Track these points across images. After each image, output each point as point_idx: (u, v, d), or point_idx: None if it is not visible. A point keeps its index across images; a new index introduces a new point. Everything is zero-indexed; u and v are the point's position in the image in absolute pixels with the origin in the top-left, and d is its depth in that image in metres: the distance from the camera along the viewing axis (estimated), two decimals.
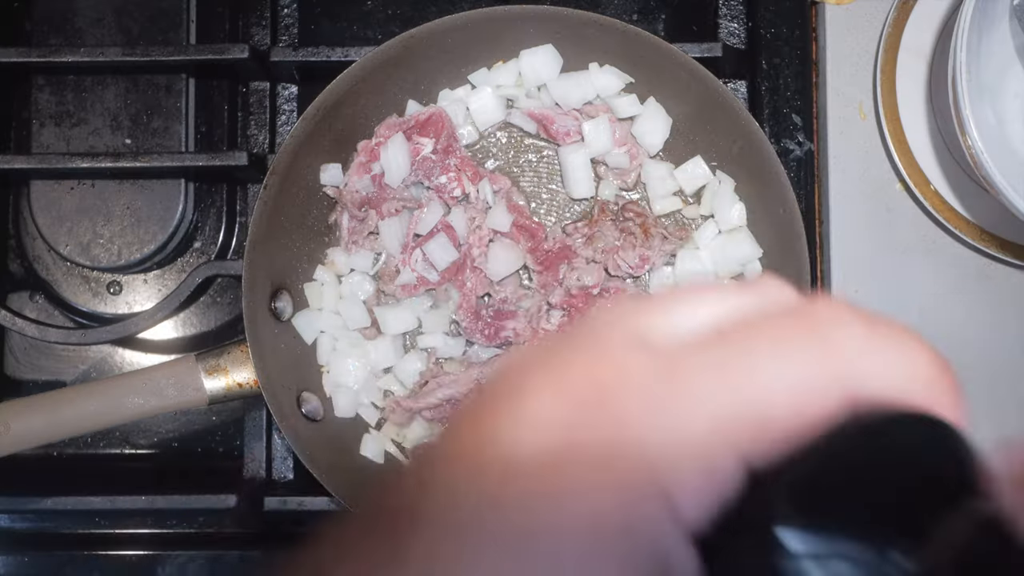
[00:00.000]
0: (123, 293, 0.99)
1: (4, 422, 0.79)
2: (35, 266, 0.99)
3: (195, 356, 0.82)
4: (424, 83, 0.88)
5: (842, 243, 0.95)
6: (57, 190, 0.93)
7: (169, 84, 0.94)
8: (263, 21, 0.96)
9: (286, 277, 0.87)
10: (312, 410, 0.86)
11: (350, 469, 0.85)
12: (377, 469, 0.87)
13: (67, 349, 0.99)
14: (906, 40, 0.93)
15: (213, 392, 0.81)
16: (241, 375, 0.82)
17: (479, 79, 0.88)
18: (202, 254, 0.99)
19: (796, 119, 0.93)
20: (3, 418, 0.80)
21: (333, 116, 0.84)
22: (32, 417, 0.81)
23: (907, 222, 0.95)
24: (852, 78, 0.95)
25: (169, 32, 0.95)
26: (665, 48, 0.83)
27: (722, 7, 0.94)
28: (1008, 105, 0.86)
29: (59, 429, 0.81)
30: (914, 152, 0.93)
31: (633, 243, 0.86)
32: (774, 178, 0.82)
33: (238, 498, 0.89)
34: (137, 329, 0.91)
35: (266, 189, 0.82)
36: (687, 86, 0.85)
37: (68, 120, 0.94)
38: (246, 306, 0.81)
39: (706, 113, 0.85)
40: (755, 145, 0.83)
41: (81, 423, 0.81)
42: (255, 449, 0.93)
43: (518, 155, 0.90)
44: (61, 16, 0.94)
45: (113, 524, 0.94)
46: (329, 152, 0.87)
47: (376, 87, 0.86)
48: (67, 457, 0.99)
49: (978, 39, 0.80)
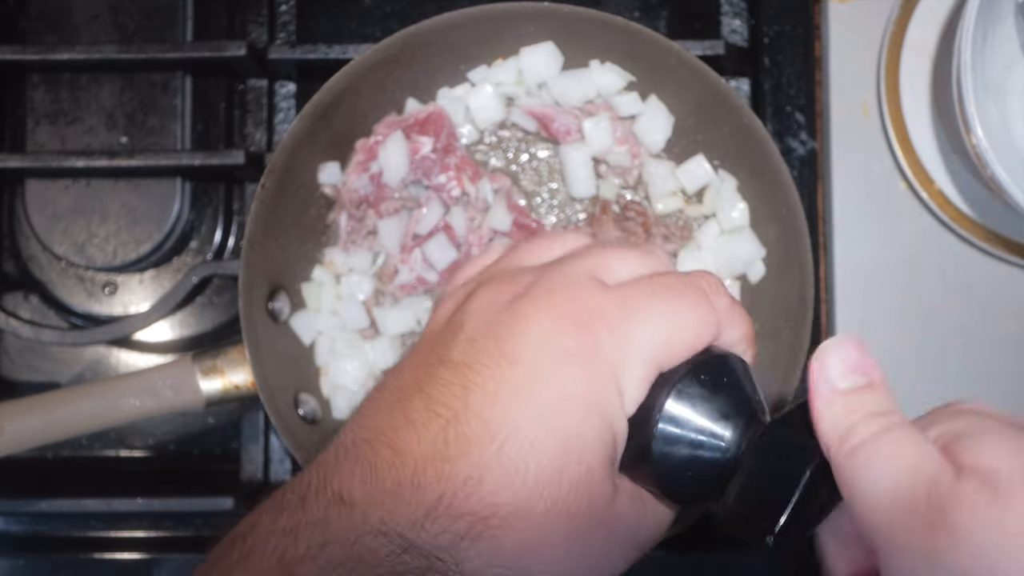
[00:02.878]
0: (118, 293, 0.98)
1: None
2: (29, 266, 0.98)
3: (192, 357, 0.81)
4: (423, 81, 0.87)
5: (845, 242, 0.94)
6: (52, 189, 0.92)
7: (165, 82, 0.93)
8: (260, 18, 0.95)
9: (284, 277, 0.86)
10: (310, 412, 0.85)
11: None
12: None
13: (62, 350, 0.98)
14: (910, 37, 0.92)
15: (210, 394, 0.80)
16: (238, 376, 0.81)
17: (479, 77, 0.87)
18: (198, 254, 0.98)
19: (799, 117, 0.93)
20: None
21: (331, 114, 0.83)
22: (26, 418, 0.80)
23: (911, 221, 0.94)
24: (855, 76, 0.95)
25: (165, 29, 0.94)
26: (666, 45, 0.82)
27: (724, 4, 0.94)
28: (1013, 103, 0.85)
29: (54, 430, 0.80)
30: (918, 150, 0.92)
31: (634, 242, 0.85)
32: (777, 177, 0.82)
33: (235, 501, 0.88)
34: (133, 330, 0.90)
35: (263, 188, 0.81)
36: (689, 84, 0.84)
37: (63, 118, 0.93)
38: (243, 307, 0.80)
39: (708, 111, 0.85)
40: (758, 143, 0.82)
41: (76, 424, 0.80)
42: (252, 451, 0.93)
43: (518, 154, 0.89)
44: (56, 13, 0.94)
45: (109, 527, 0.93)
46: (327, 151, 0.86)
47: (375, 85, 0.85)
48: (62, 459, 0.99)
49: (983, 36, 0.80)
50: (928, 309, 0.94)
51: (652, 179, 0.87)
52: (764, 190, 0.84)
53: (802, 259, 0.81)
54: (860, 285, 0.94)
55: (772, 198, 0.83)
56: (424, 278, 0.85)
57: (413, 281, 0.86)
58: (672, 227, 0.87)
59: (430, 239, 0.86)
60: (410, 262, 0.86)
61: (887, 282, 0.94)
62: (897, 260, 0.94)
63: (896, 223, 0.94)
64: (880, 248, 0.94)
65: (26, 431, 0.80)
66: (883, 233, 0.94)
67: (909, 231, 0.94)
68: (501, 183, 0.87)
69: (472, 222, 0.86)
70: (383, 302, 0.87)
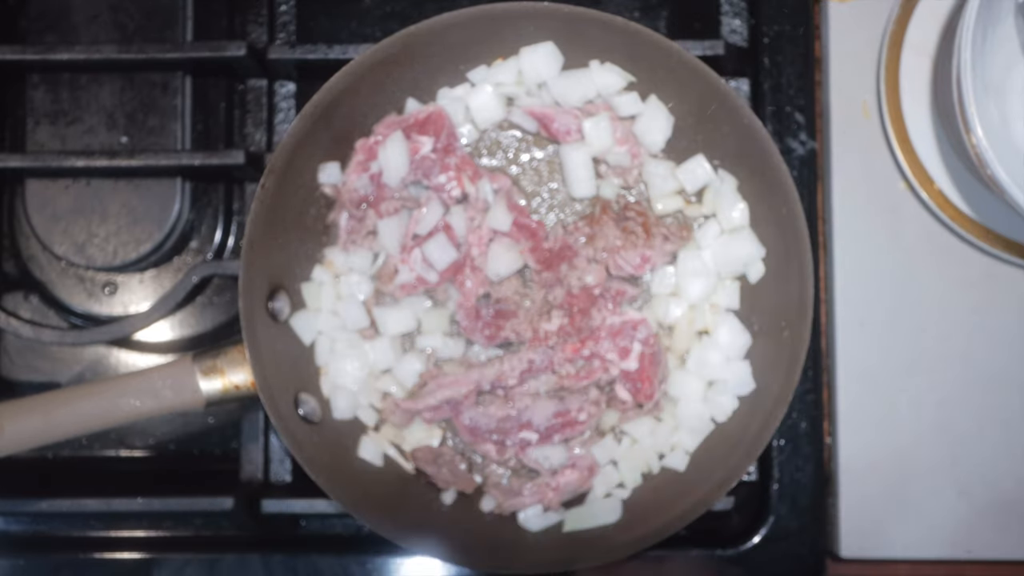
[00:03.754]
0: (118, 293, 0.98)
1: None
2: (29, 266, 0.98)
3: (192, 357, 0.81)
4: (423, 81, 0.87)
5: (845, 242, 0.94)
6: (52, 189, 0.92)
7: (165, 82, 0.93)
8: (260, 18, 0.95)
9: (283, 277, 0.86)
10: (310, 412, 0.85)
11: (349, 472, 0.85)
12: (376, 472, 0.86)
13: (62, 350, 0.98)
14: (910, 37, 0.92)
15: (210, 394, 0.80)
16: (238, 376, 0.81)
17: (478, 77, 0.87)
18: (199, 254, 0.99)
19: (799, 117, 0.93)
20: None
21: (331, 114, 0.84)
22: (27, 419, 0.80)
23: (911, 221, 0.94)
24: (855, 76, 0.95)
25: (165, 29, 0.94)
26: (666, 45, 0.82)
27: (724, 4, 0.94)
28: (1013, 103, 0.85)
29: (54, 431, 0.80)
30: (918, 150, 0.92)
31: (634, 242, 0.85)
32: (777, 176, 0.82)
33: (235, 501, 0.88)
34: (133, 330, 0.90)
35: (263, 188, 0.81)
36: (689, 84, 0.84)
37: (63, 118, 0.93)
38: (243, 307, 0.80)
39: (707, 111, 0.85)
40: (757, 143, 0.82)
41: (76, 425, 0.80)
42: (252, 451, 0.93)
43: (518, 154, 0.89)
44: (56, 13, 0.94)
45: (109, 527, 0.94)
46: (327, 150, 0.86)
47: (375, 85, 0.85)
48: (62, 459, 0.99)
49: (983, 36, 0.80)
50: (927, 308, 0.94)
51: (652, 179, 0.87)
52: (764, 190, 0.84)
53: (802, 259, 0.81)
54: (860, 284, 0.94)
55: (772, 198, 0.83)
56: (424, 278, 0.86)
57: (413, 281, 0.86)
58: (672, 227, 0.87)
59: (430, 239, 0.86)
60: (410, 262, 0.86)
61: (887, 281, 0.94)
62: (897, 259, 0.94)
63: (896, 223, 0.94)
64: (880, 247, 0.94)
65: (26, 431, 0.79)
66: (883, 233, 0.94)
67: (909, 231, 0.94)
68: (501, 183, 0.87)
69: (472, 222, 0.86)
70: (383, 302, 0.87)
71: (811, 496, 0.91)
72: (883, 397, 0.93)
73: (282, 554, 0.91)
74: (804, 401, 0.91)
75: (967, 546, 0.92)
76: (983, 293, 0.94)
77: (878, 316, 0.93)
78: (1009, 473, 0.93)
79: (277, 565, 0.91)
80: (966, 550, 0.92)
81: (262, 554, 0.91)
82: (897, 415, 0.93)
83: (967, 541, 0.92)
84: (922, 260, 0.94)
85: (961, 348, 0.93)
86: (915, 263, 0.94)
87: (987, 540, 0.92)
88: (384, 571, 0.91)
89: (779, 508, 0.91)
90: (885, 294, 0.94)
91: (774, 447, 0.91)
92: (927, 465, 0.93)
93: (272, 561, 0.91)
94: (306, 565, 0.91)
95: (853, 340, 0.93)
